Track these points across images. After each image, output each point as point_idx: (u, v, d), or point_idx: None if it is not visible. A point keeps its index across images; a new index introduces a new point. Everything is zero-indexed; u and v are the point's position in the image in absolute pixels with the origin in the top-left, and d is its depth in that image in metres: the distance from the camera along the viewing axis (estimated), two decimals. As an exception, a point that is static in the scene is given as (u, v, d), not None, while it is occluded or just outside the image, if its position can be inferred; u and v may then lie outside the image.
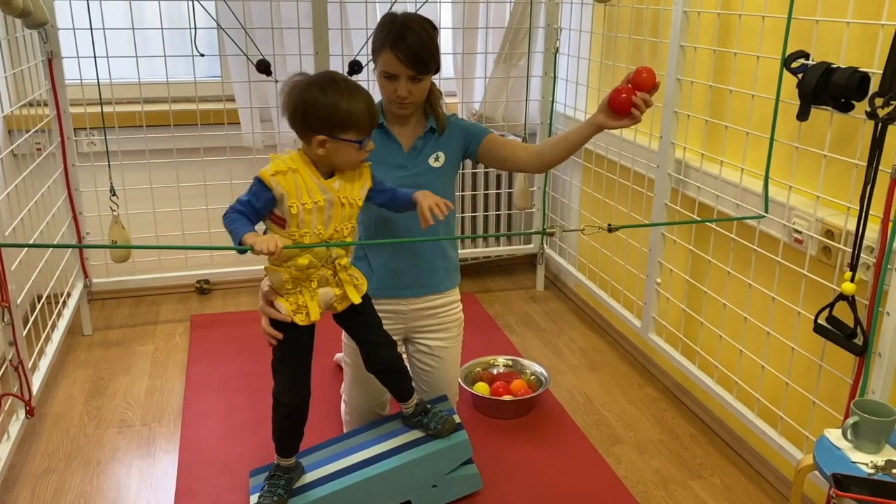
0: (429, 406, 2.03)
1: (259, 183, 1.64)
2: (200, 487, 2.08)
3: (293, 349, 1.80)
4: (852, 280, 1.66)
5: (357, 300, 1.80)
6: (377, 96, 1.94)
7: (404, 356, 2.12)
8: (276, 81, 2.96)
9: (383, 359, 1.93)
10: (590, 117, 1.89)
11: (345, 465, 1.96)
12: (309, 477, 1.93)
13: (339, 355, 2.66)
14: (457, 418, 2.02)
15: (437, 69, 1.95)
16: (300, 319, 1.74)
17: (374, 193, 1.79)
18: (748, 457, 2.24)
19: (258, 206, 1.65)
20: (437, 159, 2.03)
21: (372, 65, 2.94)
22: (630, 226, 1.99)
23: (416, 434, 2.01)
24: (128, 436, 2.33)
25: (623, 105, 1.79)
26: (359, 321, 1.88)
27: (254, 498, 1.89)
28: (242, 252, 1.59)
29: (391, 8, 2.93)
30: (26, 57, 2.59)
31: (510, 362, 2.63)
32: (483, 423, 2.37)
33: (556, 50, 3.15)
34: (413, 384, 2.04)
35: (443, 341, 2.15)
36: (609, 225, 1.74)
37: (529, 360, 2.65)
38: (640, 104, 1.79)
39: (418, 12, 2.02)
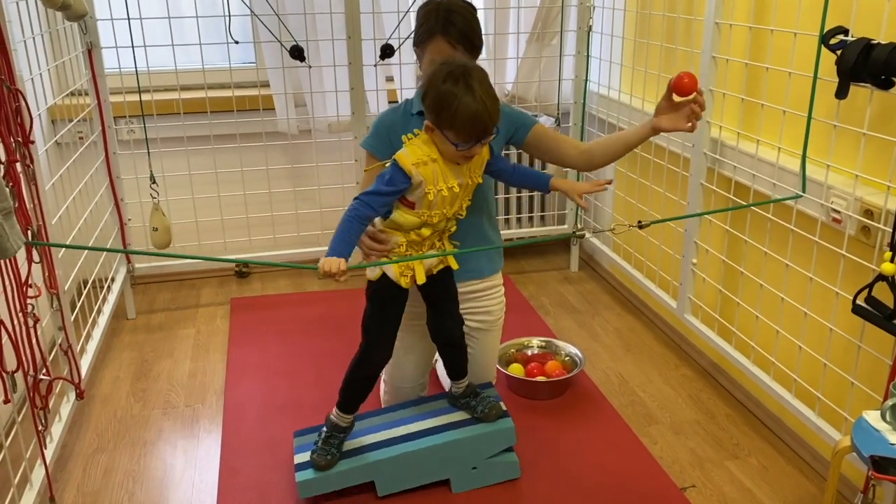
0: (478, 390, 2.07)
1: (397, 170, 1.70)
2: (243, 466, 2.14)
3: (392, 310, 1.89)
4: (892, 260, 1.63)
5: (455, 265, 1.89)
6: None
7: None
8: (310, 67, 2.99)
9: (451, 332, 2.00)
10: (647, 120, 1.88)
11: (389, 436, 2.01)
12: (354, 443, 1.98)
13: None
14: (503, 406, 2.05)
15: (481, 50, 1.98)
16: (405, 283, 1.82)
17: (489, 163, 1.85)
18: (785, 437, 2.23)
19: (391, 193, 1.72)
20: None
21: (406, 49, 2.91)
22: (661, 220, 1.98)
23: (461, 415, 2.05)
24: (172, 417, 2.40)
25: (687, 88, 1.77)
26: (443, 288, 1.94)
27: (300, 456, 1.95)
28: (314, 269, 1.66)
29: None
30: (67, 48, 2.65)
31: (544, 343, 2.65)
32: (517, 405, 2.39)
33: (590, 28, 3.12)
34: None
35: (483, 324, 2.16)
36: (639, 222, 1.74)
37: (564, 342, 2.66)
38: (701, 100, 1.79)
39: None
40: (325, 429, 1.96)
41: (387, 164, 1.77)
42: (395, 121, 2.01)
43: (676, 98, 1.81)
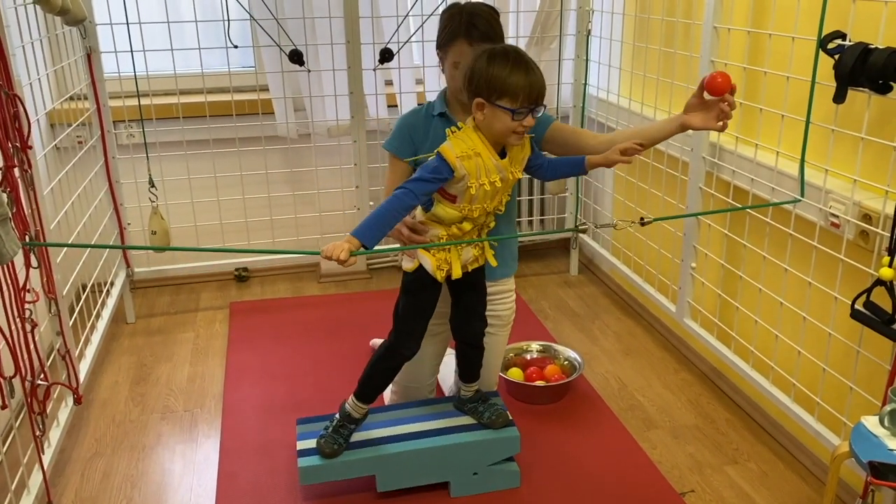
0: (487, 396, 2.07)
1: (443, 161, 1.71)
2: (241, 471, 2.14)
3: (425, 302, 1.90)
4: (890, 265, 1.63)
5: (494, 262, 1.91)
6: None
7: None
8: (309, 71, 2.99)
9: (475, 331, 2.00)
10: (674, 116, 1.85)
11: (395, 433, 2.01)
12: (359, 436, 1.99)
13: (374, 341, 2.69)
14: (509, 415, 2.05)
15: None
16: (440, 276, 1.83)
17: (529, 159, 1.86)
18: (785, 442, 2.22)
19: (434, 181, 1.72)
20: None
21: (405, 53, 2.91)
22: (665, 217, 1.97)
23: (467, 420, 2.06)
24: (171, 421, 2.40)
25: (720, 88, 1.73)
26: (474, 286, 1.95)
27: (303, 443, 1.96)
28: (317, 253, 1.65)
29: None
30: (66, 53, 2.65)
31: (543, 347, 2.64)
32: (517, 409, 2.38)
33: (589, 32, 3.13)
34: (455, 368, 2.08)
35: (491, 328, 2.15)
36: (641, 218, 1.73)
37: (563, 346, 2.65)
38: (731, 100, 1.75)
39: None
40: (337, 417, 1.97)
41: (430, 157, 1.77)
42: (417, 122, 2.03)
43: (707, 97, 1.79)
